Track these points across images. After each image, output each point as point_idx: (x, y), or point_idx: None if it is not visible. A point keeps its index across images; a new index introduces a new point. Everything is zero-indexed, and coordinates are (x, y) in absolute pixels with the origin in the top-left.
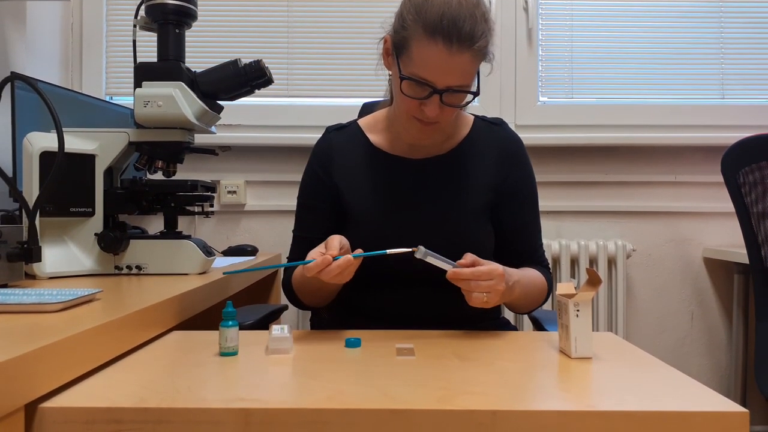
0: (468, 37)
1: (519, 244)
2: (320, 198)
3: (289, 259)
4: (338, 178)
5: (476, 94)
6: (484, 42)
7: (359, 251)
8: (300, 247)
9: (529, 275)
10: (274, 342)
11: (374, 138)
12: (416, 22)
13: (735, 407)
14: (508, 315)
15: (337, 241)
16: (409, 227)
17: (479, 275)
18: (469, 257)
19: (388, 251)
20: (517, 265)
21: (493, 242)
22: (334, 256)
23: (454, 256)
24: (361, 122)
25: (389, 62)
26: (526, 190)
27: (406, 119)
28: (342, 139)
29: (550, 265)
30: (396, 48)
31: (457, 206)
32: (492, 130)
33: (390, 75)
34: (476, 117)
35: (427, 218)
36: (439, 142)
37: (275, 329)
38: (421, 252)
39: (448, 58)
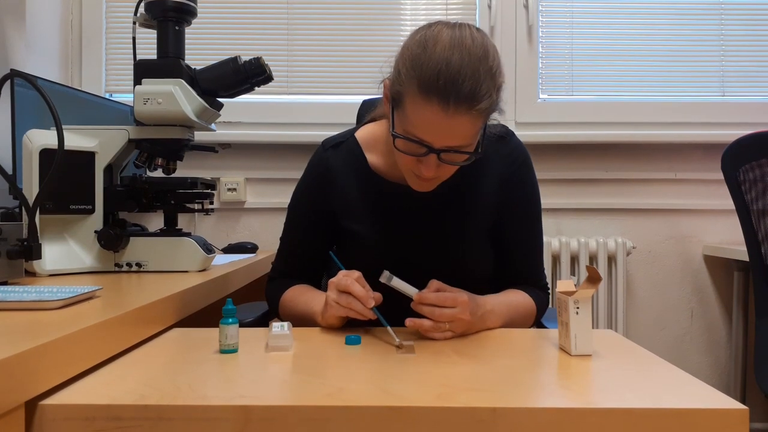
0: (468, 98)
1: (516, 263)
2: (310, 215)
3: (272, 267)
4: (335, 203)
5: (478, 154)
6: (488, 102)
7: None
8: (287, 262)
9: (512, 301)
10: (274, 339)
11: (372, 159)
12: (411, 78)
13: (734, 404)
14: None
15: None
16: (409, 252)
17: (443, 300)
18: (434, 284)
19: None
20: (512, 285)
21: (493, 262)
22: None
23: (454, 280)
24: (360, 137)
25: (387, 109)
26: (526, 208)
27: (405, 170)
28: (339, 160)
29: (550, 264)
30: (392, 99)
31: (459, 231)
32: (496, 147)
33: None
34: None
35: (428, 244)
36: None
37: (275, 326)
38: (385, 277)
39: (444, 120)
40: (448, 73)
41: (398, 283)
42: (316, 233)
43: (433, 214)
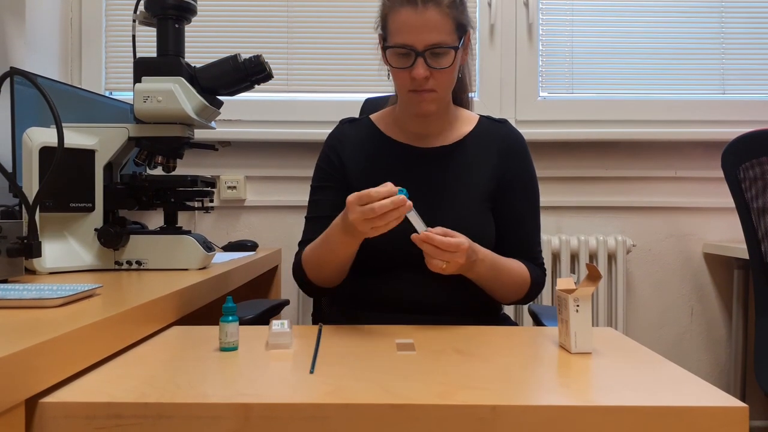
0: None
1: (514, 237)
2: (331, 179)
3: (300, 242)
4: (350, 164)
5: (456, 48)
6: None
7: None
8: (314, 227)
9: (507, 262)
10: (274, 337)
11: (384, 128)
12: (387, 1)
13: (734, 402)
14: (508, 311)
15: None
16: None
17: (447, 246)
18: (440, 229)
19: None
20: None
21: (494, 233)
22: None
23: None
24: (374, 117)
25: (381, 47)
26: (525, 183)
27: (405, 97)
28: (354, 129)
29: (550, 261)
30: (382, 32)
31: (461, 194)
32: (496, 126)
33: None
34: (482, 116)
35: (432, 203)
36: (440, 131)
37: (275, 324)
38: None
39: (416, 17)
40: None
41: (413, 216)
42: (336, 195)
43: (439, 176)
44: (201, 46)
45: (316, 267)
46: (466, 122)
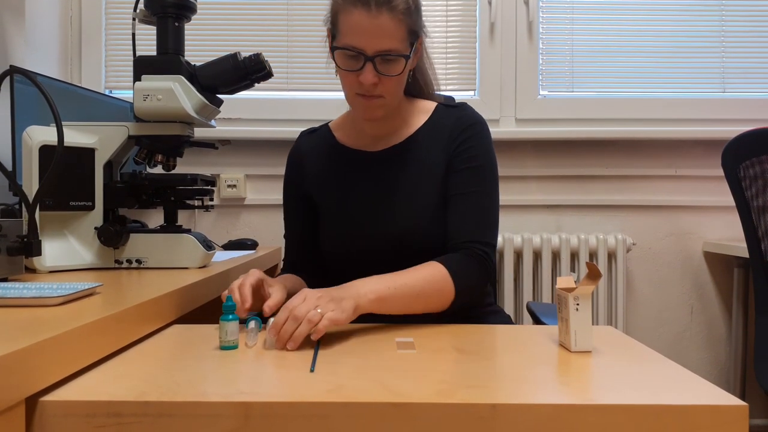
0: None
1: (453, 218)
2: (296, 198)
3: (285, 261)
4: (308, 182)
5: (407, 57)
6: (404, 5)
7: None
8: (292, 248)
9: (403, 278)
10: (273, 336)
11: (340, 135)
12: None
13: (734, 401)
14: (509, 310)
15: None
16: (371, 220)
17: (278, 325)
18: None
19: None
20: (446, 243)
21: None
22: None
23: (422, 241)
24: (332, 123)
25: (329, 44)
26: (473, 162)
27: (352, 100)
28: (312, 142)
29: (550, 260)
30: (331, 32)
31: (417, 193)
32: (450, 112)
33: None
34: (439, 104)
35: (389, 207)
36: (395, 130)
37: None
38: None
39: (369, 21)
40: None
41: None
42: (304, 215)
43: (392, 179)
44: (201, 45)
45: None
46: (420, 112)
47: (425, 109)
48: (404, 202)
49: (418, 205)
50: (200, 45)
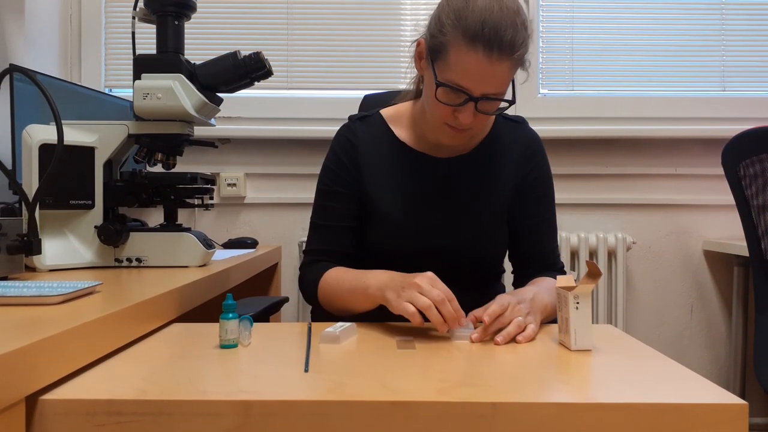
0: (509, 45)
1: (532, 244)
2: (345, 185)
3: (307, 250)
4: (363, 169)
5: (512, 102)
6: (524, 51)
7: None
8: (325, 237)
9: (546, 290)
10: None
11: (399, 132)
12: (456, 28)
13: (734, 399)
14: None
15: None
16: (431, 226)
17: (495, 314)
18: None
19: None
20: (527, 267)
21: (506, 243)
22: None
23: (471, 256)
24: (385, 114)
25: (422, 66)
26: (543, 189)
27: (438, 125)
28: (366, 129)
29: None
30: (431, 53)
31: (480, 205)
32: (513, 128)
33: (417, 76)
34: (497, 115)
35: (449, 218)
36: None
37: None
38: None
39: (487, 67)
40: (491, 22)
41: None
42: (350, 204)
43: (457, 189)
44: (201, 43)
45: (333, 306)
46: None
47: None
48: (467, 215)
49: (481, 219)
50: (200, 43)
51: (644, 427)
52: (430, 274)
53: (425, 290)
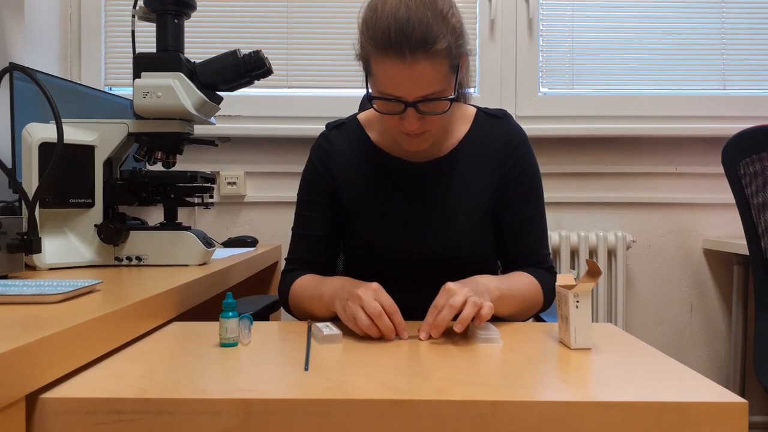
0: (420, 42)
1: (518, 242)
2: (322, 194)
3: (286, 259)
4: (338, 177)
5: (453, 99)
6: (443, 44)
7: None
8: (304, 247)
9: (515, 283)
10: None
11: (374, 136)
12: (368, 41)
13: (734, 398)
14: None
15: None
16: (409, 232)
17: (434, 310)
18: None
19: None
20: (514, 266)
21: (493, 243)
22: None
23: (455, 258)
24: (362, 118)
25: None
26: (526, 185)
27: (395, 134)
28: (342, 137)
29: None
30: (363, 68)
31: (460, 208)
32: (493, 124)
33: None
34: (479, 110)
35: (428, 223)
36: (439, 142)
37: (324, 328)
38: None
39: (406, 70)
40: (396, 26)
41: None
42: (328, 213)
43: (435, 193)
44: (200, 42)
45: (301, 314)
46: (462, 121)
47: (466, 115)
48: (447, 218)
49: (462, 221)
50: (200, 42)
51: (644, 425)
52: (374, 285)
53: (365, 303)
